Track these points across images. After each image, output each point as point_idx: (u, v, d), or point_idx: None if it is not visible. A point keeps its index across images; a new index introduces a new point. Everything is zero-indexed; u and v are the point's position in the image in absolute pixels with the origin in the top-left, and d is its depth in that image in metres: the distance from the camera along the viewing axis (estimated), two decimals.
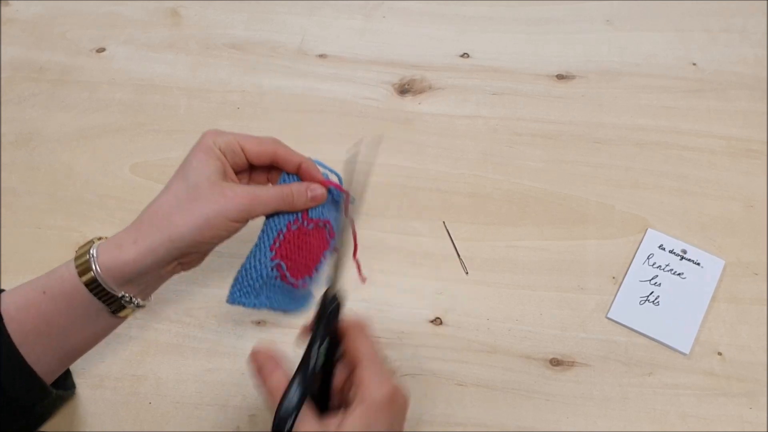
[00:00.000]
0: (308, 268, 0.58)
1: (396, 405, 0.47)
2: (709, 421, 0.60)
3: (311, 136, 0.78)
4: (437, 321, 0.66)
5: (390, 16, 0.90)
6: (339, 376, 0.50)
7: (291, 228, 0.55)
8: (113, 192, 0.74)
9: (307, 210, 0.55)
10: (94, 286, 0.49)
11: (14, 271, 0.69)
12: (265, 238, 0.55)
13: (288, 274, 0.56)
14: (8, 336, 0.48)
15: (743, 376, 0.62)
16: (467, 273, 0.68)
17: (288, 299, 0.59)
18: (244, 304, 0.56)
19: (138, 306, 0.53)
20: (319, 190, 0.55)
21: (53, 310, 0.50)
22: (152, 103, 0.82)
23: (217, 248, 0.64)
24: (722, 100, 0.81)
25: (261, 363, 0.49)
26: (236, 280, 0.55)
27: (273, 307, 0.58)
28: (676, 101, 0.81)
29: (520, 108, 0.80)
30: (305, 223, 0.56)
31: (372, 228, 0.71)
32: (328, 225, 0.58)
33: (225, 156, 0.54)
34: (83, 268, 0.49)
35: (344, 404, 0.47)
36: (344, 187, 0.59)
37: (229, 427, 0.60)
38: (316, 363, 0.48)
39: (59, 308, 0.50)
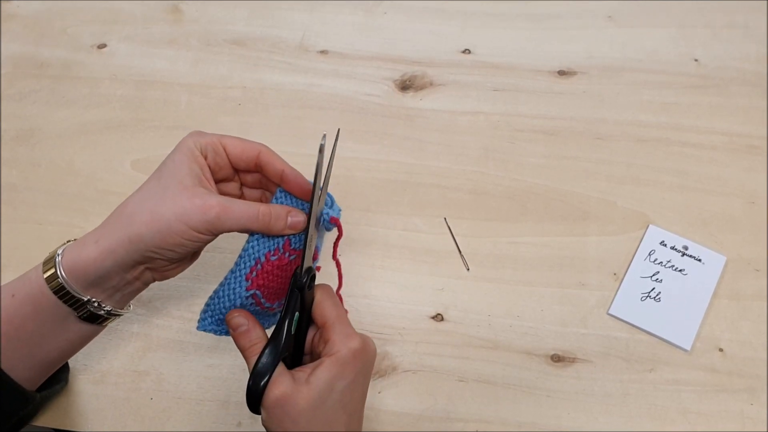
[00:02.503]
0: (285, 293, 0.53)
1: (363, 357, 0.48)
2: (710, 417, 0.60)
3: (312, 132, 0.78)
4: (438, 317, 0.66)
5: (391, 12, 0.90)
6: (309, 337, 0.51)
7: (270, 258, 0.51)
8: (114, 188, 0.74)
9: (289, 239, 0.51)
10: (58, 288, 0.48)
11: (15, 267, 0.69)
12: (242, 265, 0.51)
13: (264, 301, 0.53)
14: None
15: (744, 372, 0.62)
16: (468, 269, 0.68)
17: (263, 319, 0.56)
18: (214, 332, 0.53)
19: (111, 314, 0.51)
20: (300, 218, 0.51)
21: (22, 314, 0.48)
22: (153, 99, 0.82)
23: (218, 245, 0.64)
24: (724, 97, 0.81)
25: (239, 322, 0.50)
26: (208, 306, 0.53)
27: None
28: (678, 97, 0.81)
29: (521, 104, 0.80)
30: (286, 254, 0.52)
31: (373, 224, 0.71)
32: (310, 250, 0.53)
33: (206, 157, 0.51)
34: (48, 268, 0.48)
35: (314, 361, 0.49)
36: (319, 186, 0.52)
37: (231, 423, 0.60)
38: (290, 328, 0.48)
39: (27, 312, 0.48)
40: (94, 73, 0.84)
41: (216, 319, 0.53)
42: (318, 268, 0.54)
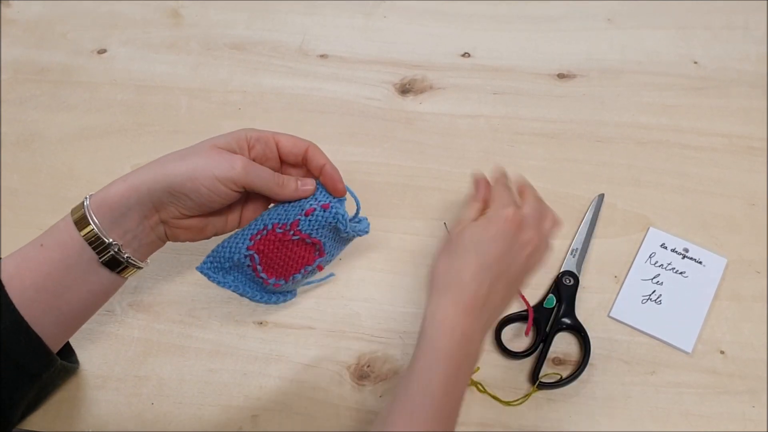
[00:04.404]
0: (284, 272, 0.59)
1: (511, 225, 0.54)
2: (712, 420, 0.60)
3: (312, 136, 0.77)
4: None
5: (391, 15, 0.90)
6: None
7: (276, 230, 0.56)
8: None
9: (298, 220, 0.56)
10: (83, 227, 0.51)
11: None
12: (251, 227, 0.57)
13: (259, 268, 0.58)
14: (11, 302, 0.49)
15: (745, 374, 0.62)
16: None
17: (257, 290, 0.61)
18: (209, 277, 0.59)
19: (130, 263, 0.53)
20: (310, 186, 0.57)
21: (49, 262, 0.51)
22: (153, 103, 0.82)
23: None
24: (724, 98, 0.81)
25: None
26: (212, 252, 0.58)
27: (239, 292, 0.61)
28: (678, 99, 0.81)
29: (521, 107, 0.80)
30: (291, 232, 0.56)
31: (373, 228, 0.71)
32: (318, 245, 0.58)
33: (253, 147, 0.56)
34: (76, 212, 0.52)
35: None
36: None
37: (232, 427, 0.60)
38: None
39: (54, 259, 0.51)
40: (94, 78, 0.85)
41: (214, 267, 0.58)
42: (320, 267, 0.60)
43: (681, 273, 0.68)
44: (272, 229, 0.56)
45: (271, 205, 0.59)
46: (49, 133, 0.80)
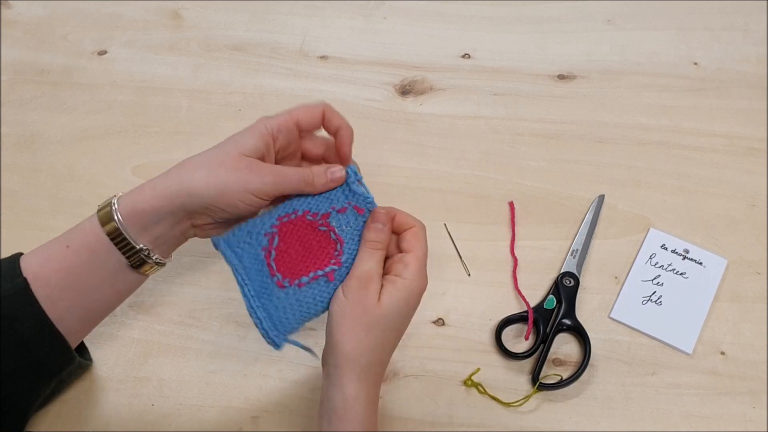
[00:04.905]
0: (294, 270, 0.54)
1: (420, 298, 0.53)
2: (712, 421, 0.60)
3: None
4: (439, 322, 0.66)
5: (391, 17, 0.90)
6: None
7: (306, 216, 0.55)
8: (115, 194, 0.74)
9: (329, 212, 0.55)
10: (115, 235, 0.51)
11: None
12: (280, 208, 0.55)
13: (273, 254, 0.54)
14: (36, 300, 0.50)
15: (746, 375, 0.62)
16: (469, 275, 0.68)
17: (259, 287, 0.54)
18: (219, 248, 0.54)
19: (157, 263, 0.54)
20: (339, 173, 0.55)
21: (76, 263, 0.51)
22: (154, 104, 0.82)
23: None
24: (724, 99, 0.81)
25: (382, 219, 0.54)
26: (233, 228, 0.55)
27: (240, 279, 0.54)
28: (678, 100, 0.81)
29: (521, 108, 0.80)
30: (321, 220, 0.55)
31: None
32: (340, 244, 0.55)
33: (277, 138, 0.55)
34: (105, 217, 0.51)
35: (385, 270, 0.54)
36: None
37: (232, 428, 0.60)
38: None
39: (82, 260, 0.51)
40: (94, 79, 0.85)
41: (230, 243, 0.54)
42: (330, 277, 0.56)
43: (681, 274, 0.68)
44: (303, 215, 0.55)
45: None
46: (50, 134, 0.80)
